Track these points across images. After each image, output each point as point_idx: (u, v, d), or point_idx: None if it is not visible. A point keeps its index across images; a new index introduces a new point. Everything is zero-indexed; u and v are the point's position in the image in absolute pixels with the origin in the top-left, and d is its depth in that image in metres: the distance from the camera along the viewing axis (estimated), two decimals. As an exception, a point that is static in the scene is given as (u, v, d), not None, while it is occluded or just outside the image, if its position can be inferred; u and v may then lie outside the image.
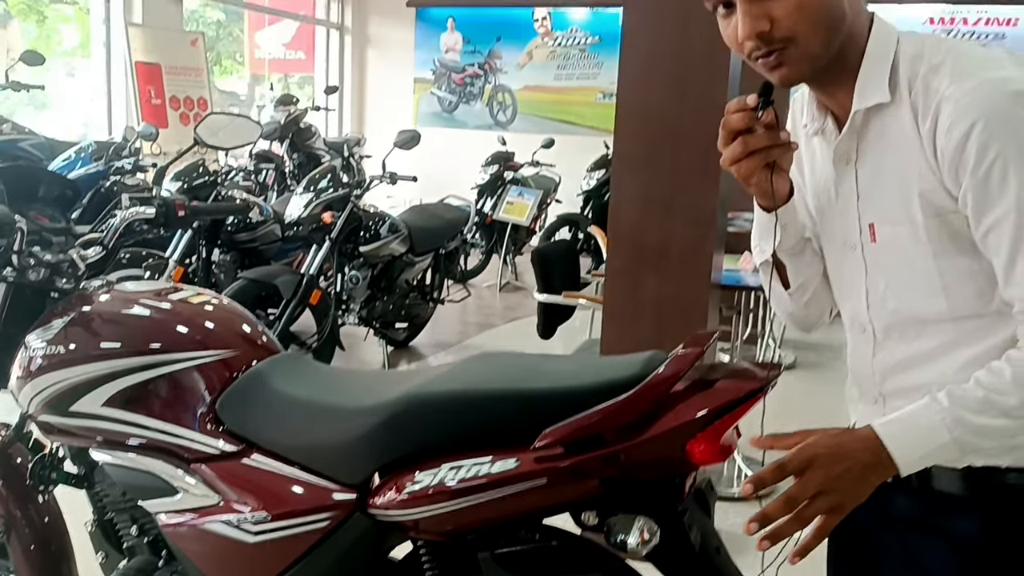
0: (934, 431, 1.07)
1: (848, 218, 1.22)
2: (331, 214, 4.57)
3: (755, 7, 1.08)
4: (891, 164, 1.15)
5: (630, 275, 3.02)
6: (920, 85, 1.09)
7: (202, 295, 1.94)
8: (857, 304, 1.25)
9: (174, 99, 7.22)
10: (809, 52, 1.10)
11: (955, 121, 1.04)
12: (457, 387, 1.55)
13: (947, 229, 1.12)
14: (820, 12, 1.08)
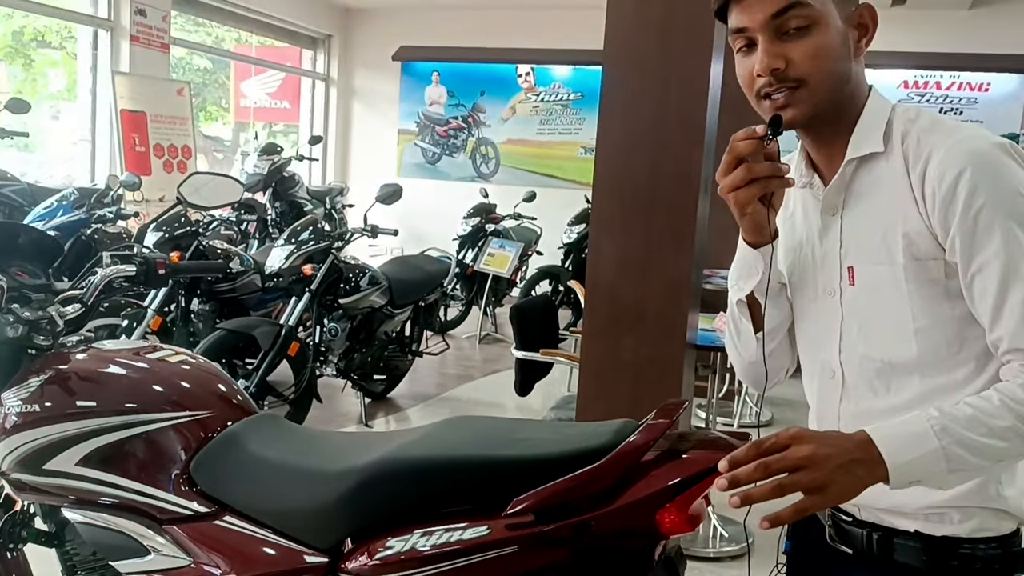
0: (924, 437, 1.08)
1: (829, 265, 1.28)
2: (312, 266, 4.59)
3: (776, 46, 1.18)
4: (878, 209, 1.22)
5: (607, 336, 3.05)
6: (912, 138, 1.19)
7: (179, 354, 1.95)
8: (830, 349, 1.29)
9: (158, 147, 7.26)
10: (815, 96, 1.19)
11: (947, 167, 1.13)
12: (429, 453, 1.57)
13: (925, 275, 1.18)
14: (831, 62, 1.19)
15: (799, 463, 1.04)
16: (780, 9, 1.16)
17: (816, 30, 1.17)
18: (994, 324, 1.13)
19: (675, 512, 1.46)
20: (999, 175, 1.12)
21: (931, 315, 1.19)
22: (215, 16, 9.01)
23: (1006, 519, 1.22)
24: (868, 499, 1.25)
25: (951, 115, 8.40)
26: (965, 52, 8.20)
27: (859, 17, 1.22)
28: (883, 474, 1.07)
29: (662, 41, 2.88)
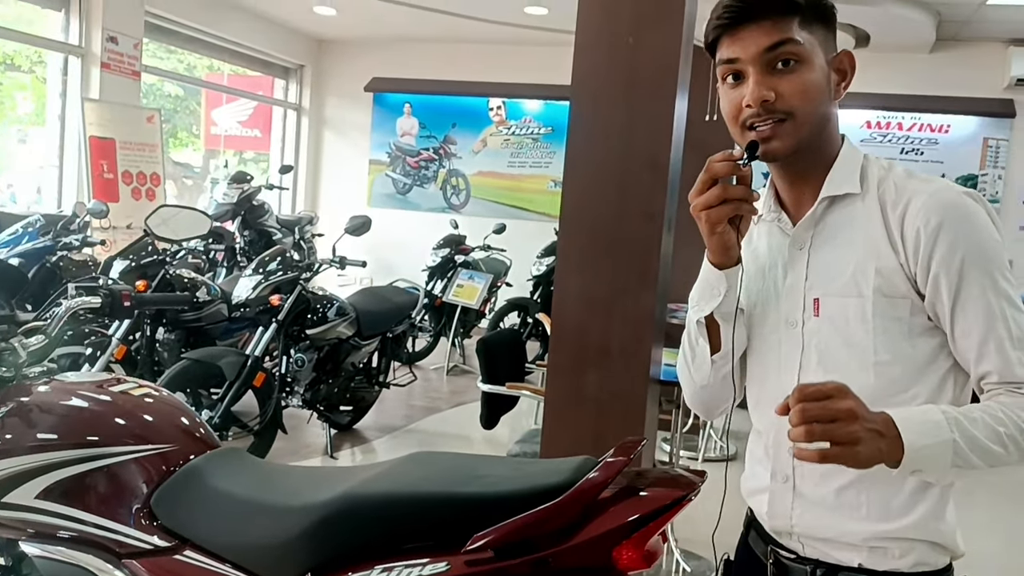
0: (940, 427, 1.13)
1: (794, 297, 1.33)
2: (279, 296, 4.59)
3: (766, 79, 1.24)
4: (850, 245, 1.28)
5: (571, 371, 3.08)
6: (890, 184, 1.28)
7: (143, 387, 1.95)
8: (789, 378, 1.32)
9: (127, 174, 7.22)
10: (800, 131, 1.26)
11: (929, 213, 1.22)
12: (390, 489, 1.59)
13: (892, 311, 1.25)
14: (816, 100, 1.26)
15: (837, 414, 1.06)
16: (773, 44, 1.23)
17: (804, 67, 1.25)
18: (980, 360, 1.22)
19: (632, 549, 1.49)
20: (976, 222, 1.23)
21: (892, 351, 1.25)
22: (188, 45, 9.02)
23: (942, 553, 1.28)
24: (811, 529, 1.29)
25: (912, 155, 8.61)
26: (926, 94, 8.42)
27: (839, 62, 1.30)
28: (898, 455, 1.10)
29: (628, 81, 2.94)
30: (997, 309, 1.21)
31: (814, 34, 1.26)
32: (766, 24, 1.23)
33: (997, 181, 8.45)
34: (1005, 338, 1.20)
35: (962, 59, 8.33)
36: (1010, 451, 1.16)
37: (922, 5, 7.30)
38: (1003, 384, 1.21)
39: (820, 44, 1.27)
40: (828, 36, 1.29)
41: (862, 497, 1.27)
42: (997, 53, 8.22)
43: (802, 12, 1.24)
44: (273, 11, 9.29)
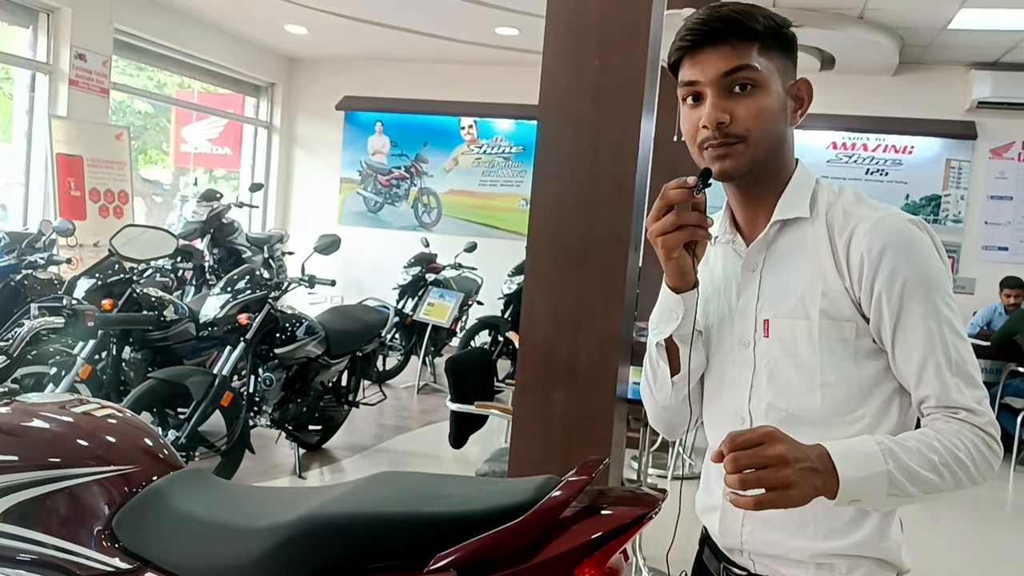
0: (874, 458, 1.15)
1: (746, 318, 1.36)
2: (247, 315, 4.57)
3: (723, 102, 1.28)
4: (799, 268, 1.31)
5: (539, 389, 3.09)
6: (838, 210, 1.31)
7: (105, 408, 1.94)
8: (740, 397, 1.36)
9: (94, 191, 7.16)
10: (753, 153, 1.29)
11: (873, 239, 1.25)
12: (353, 509, 1.59)
13: (837, 333, 1.28)
14: (771, 124, 1.30)
15: (768, 461, 1.07)
16: (731, 68, 1.27)
17: (760, 92, 1.28)
18: (919, 384, 1.25)
19: (593, 567, 1.50)
20: (918, 249, 1.26)
21: (838, 372, 1.28)
22: (158, 62, 8.98)
23: (888, 569, 1.31)
24: (761, 547, 1.32)
25: (877, 176, 8.76)
26: (890, 116, 8.58)
27: (797, 89, 1.34)
28: (834, 488, 1.12)
29: (594, 104, 2.98)
30: (937, 334, 1.23)
31: (772, 61, 1.30)
32: (725, 49, 1.27)
33: (960, 201, 8.61)
34: (943, 363, 1.23)
35: (925, 82, 8.51)
36: (945, 479, 1.18)
37: (885, 29, 7.46)
38: (940, 408, 1.23)
39: (778, 71, 1.31)
40: (787, 63, 1.33)
41: (809, 516, 1.28)
42: (959, 76, 8.40)
43: (761, 39, 1.29)
44: (244, 29, 9.28)
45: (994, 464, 1.22)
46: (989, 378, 7.15)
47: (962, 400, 1.22)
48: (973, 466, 1.20)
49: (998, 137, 8.49)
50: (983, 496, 6.15)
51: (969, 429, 1.21)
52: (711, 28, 1.28)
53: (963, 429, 1.21)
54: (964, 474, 1.19)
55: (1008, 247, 8.52)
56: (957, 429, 1.21)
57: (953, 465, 1.18)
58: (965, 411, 1.22)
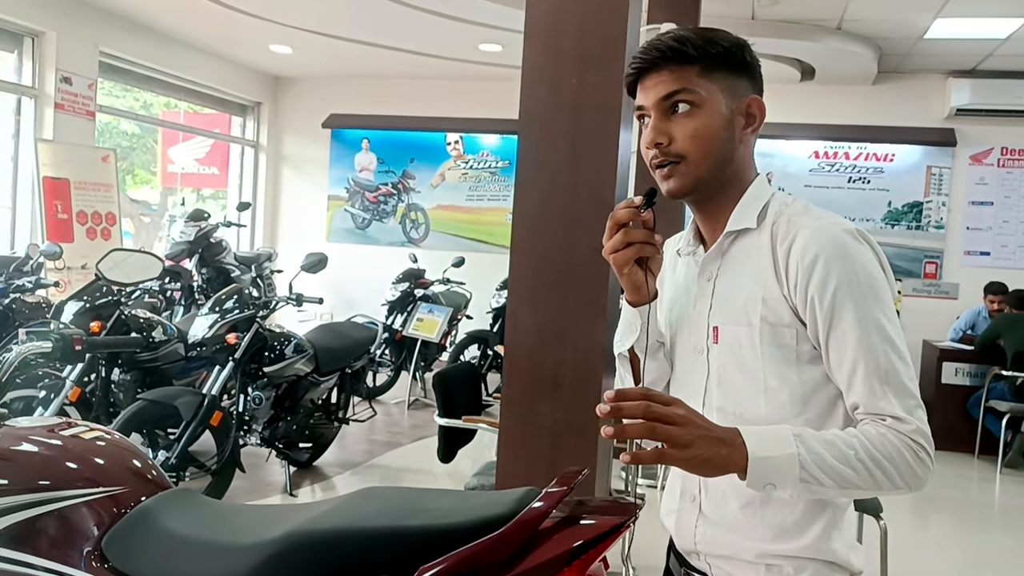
0: (784, 441, 1.19)
1: (700, 325, 1.42)
2: (236, 335, 4.59)
3: (662, 124, 1.35)
4: (744, 276, 1.36)
5: (525, 403, 3.13)
6: (784, 220, 1.35)
7: (94, 430, 1.97)
8: (696, 402, 1.40)
9: (81, 214, 7.18)
10: (695, 171, 1.35)
11: (808, 247, 1.28)
12: (338, 524, 1.62)
13: (778, 339, 1.32)
14: (709, 143, 1.34)
15: (675, 419, 1.12)
16: (669, 93, 1.34)
17: (699, 113, 1.33)
18: (850, 391, 1.28)
19: (574, 575, 1.54)
20: (853, 258, 1.28)
21: (780, 377, 1.33)
22: (143, 84, 9.02)
23: (836, 571, 1.34)
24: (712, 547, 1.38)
25: (859, 184, 8.84)
26: (870, 125, 8.68)
27: (747, 107, 1.38)
28: (743, 463, 1.16)
29: (573, 120, 3.03)
30: (866, 342, 1.26)
31: (716, 81, 1.34)
32: (665, 74, 1.34)
33: (941, 208, 8.70)
34: (872, 371, 1.25)
35: (904, 90, 8.61)
36: (860, 475, 1.20)
37: (863, 39, 7.56)
38: (868, 415, 1.26)
39: (724, 90, 1.35)
40: (737, 82, 1.37)
41: (758, 518, 1.34)
42: (937, 84, 8.51)
43: (701, 62, 1.33)
44: (229, 50, 9.33)
45: (920, 473, 1.23)
46: (974, 382, 7.23)
47: (889, 408, 1.24)
48: (895, 469, 1.21)
49: (977, 143, 8.60)
50: (970, 499, 6.21)
51: (895, 435, 1.23)
52: (651, 56, 1.35)
53: (888, 434, 1.23)
54: (883, 476, 1.21)
55: (990, 252, 8.61)
56: (883, 432, 1.23)
57: (870, 463, 1.21)
58: (892, 418, 1.24)
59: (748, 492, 1.29)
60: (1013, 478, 6.58)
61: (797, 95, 8.57)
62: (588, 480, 3.06)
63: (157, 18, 8.11)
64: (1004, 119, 8.38)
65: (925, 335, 8.09)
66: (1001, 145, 8.58)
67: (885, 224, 8.80)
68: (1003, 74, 8.18)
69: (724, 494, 1.37)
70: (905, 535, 4.81)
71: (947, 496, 6.03)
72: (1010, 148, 8.57)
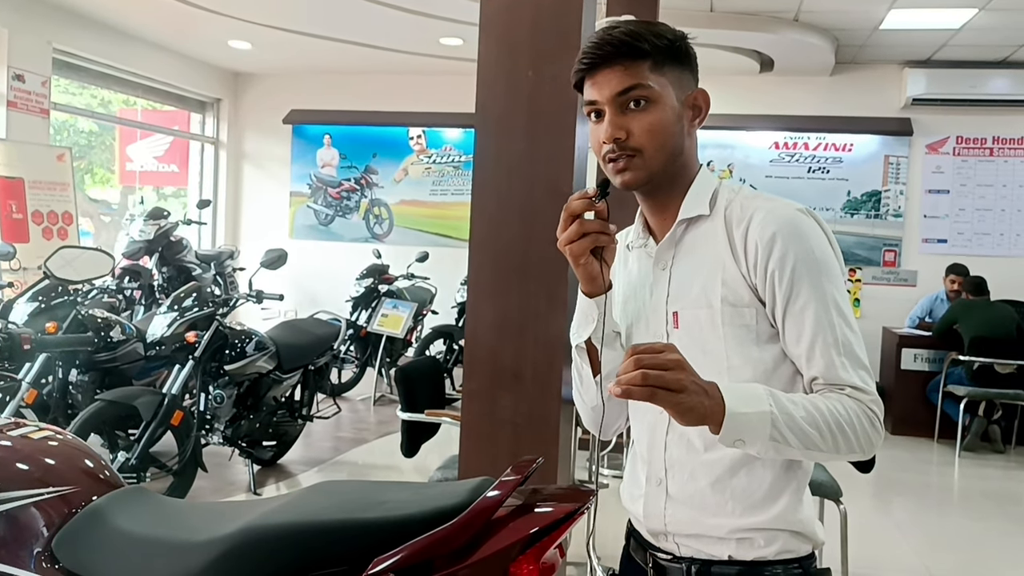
0: (759, 399, 1.24)
1: (658, 313, 1.44)
2: (195, 333, 4.54)
3: (619, 119, 1.36)
4: (701, 261, 1.39)
5: (486, 396, 3.13)
6: (736, 205, 1.39)
7: (44, 430, 1.94)
8: None
9: (37, 213, 7.06)
10: (650, 164, 1.37)
11: (764, 227, 1.33)
12: (292, 519, 1.61)
13: (739, 319, 1.36)
14: (665, 136, 1.37)
15: (668, 364, 1.16)
16: (625, 88, 1.35)
17: (654, 108, 1.36)
18: (809, 364, 1.33)
19: (529, 562, 1.54)
20: (808, 235, 1.34)
21: (742, 355, 1.36)
22: (99, 81, 8.87)
23: (804, 541, 1.38)
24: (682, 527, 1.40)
25: (819, 174, 8.94)
26: (829, 115, 8.77)
27: (694, 100, 1.41)
28: (719, 417, 1.20)
29: (529, 113, 3.03)
30: (825, 316, 1.31)
31: (666, 75, 1.37)
32: (619, 69, 1.35)
33: (899, 196, 8.83)
34: (831, 343, 1.31)
35: (861, 81, 8.72)
36: (825, 437, 1.26)
37: (820, 31, 7.64)
38: (828, 385, 1.32)
39: (673, 84, 1.38)
40: (683, 74, 1.40)
41: (727, 494, 1.37)
42: (893, 74, 8.62)
43: (652, 57, 1.35)
44: (186, 46, 9.22)
45: (874, 440, 1.29)
46: (932, 367, 7.36)
47: (848, 378, 1.30)
48: (854, 435, 1.28)
49: (933, 132, 8.74)
50: (930, 482, 6.32)
51: (855, 404, 1.29)
52: (604, 51, 1.35)
53: (849, 402, 1.29)
54: (843, 440, 1.27)
55: (947, 239, 8.76)
56: (842, 399, 1.29)
57: (834, 426, 1.26)
58: (851, 388, 1.30)
59: (716, 469, 1.35)
60: (971, 462, 6.70)
61: (757, 87, 8.64)
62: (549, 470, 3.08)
63: (112, 14, 7.98)
64: (959, 108, 8.52)
65: (885, 322, 8.22)
66: (956, 134, 8.72)
67: (845, 213, 8.91)
68: (957, 64, 8.31)
69: (692, 473, 1.39)
70: (865, 519, 4.89)
71: (907, 480, 6.13)
72: (965, 137, 8.71)
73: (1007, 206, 8.69)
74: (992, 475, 6.44)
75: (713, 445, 1.35)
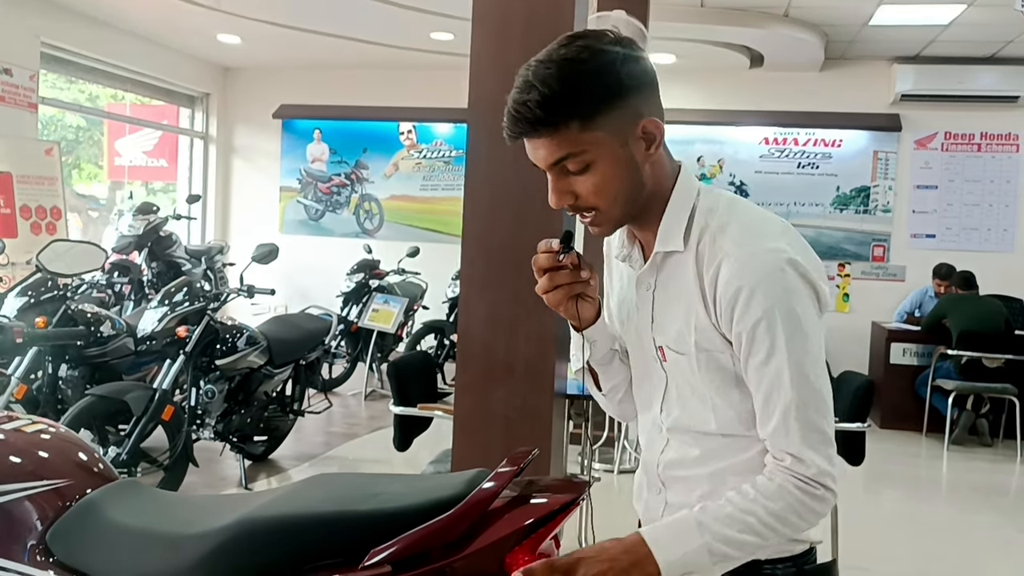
0: (688, 534, 1.22)
1: (646, 339, 1.42)
2: (186, 328, 4.53)
3: (562, 183, 1.28)
4: (677, 301, 1.35)
5: (479, 389, 3.14)
6: (708, 239, 1.29)
7: (37, 423, 1.93)
8: (656, 407, 1.43)
9: (25, 208, 7.01)
10: (611, 217, 1.32)
11: (731, 278, 1.24)
12: (287, 511, 1.61)
13: (715, 363, 1.32)
14: (616, 188, 1.28)
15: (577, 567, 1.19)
16: (556, 159, 1.25)
17: (595, 168, 1.25)
18: (761, 423, 1.28)
19: (525, 553, 1.55)
20: (774, 290, 1.23)
21: (722, 397, 1.33)
22: (87, 75, 8.82)
23: (798, 543, 1.36)
24: None
25: (808, 169, 8.96)
26: (818, 111, 8.80)
27: (642, 131, 1.27)
28: (655, 570, 1.21)
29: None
30: (779, 377, 1.24)
31: (601, 127, 1.23)
32: (544, 139, 1.24)
33: (888, 192, 8.86)
34: (783, 405, 1.24)
35: (850, 77, 8.74)
36: (766, 537, 1.23)
37: (810, 26, 7.65)
38: (772, 452, 1.27)
39: (612, 131, 1.24)
40: (622, 115, 1.25)
41: None
42: (882, 70, 8.65)
43: (578, 117, 1.22)
44: (175, 40, 9.17)
45: (820, 510, 1.25)
46: (921, 361, 7.40)
47: (788, 446, 1.24)
48: (797, 518, 1.24)
49: (922, 128, 8.77)
50: (919, 476, 6.36)
51: (793, 482, 1.23)
52: (520, 128, 1.25)
53: (786, 483, 1.24)
54: (788, 528, 1.24)
55: (935, 234, 8.80)
56: (781, 484, 1.24)
57: (773, 523, 1.23)
58: (792, 458, 1.24)
59: (703, 486, 1.34)
60: (959, 455, 6.75)
61: (746, 82, 8.66)
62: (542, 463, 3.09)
63: (101, 8, 7.93)
64: (947, 104, 8.55)
65: (873, 317, 8.25)
66: (944, 130, 8.75)
67: (834, 209, 8.94)
68: (946, 60, 8.34)
69: (686, 484, 1.38)
70: (855, 512, 4.91)
71: (896, 473, 6.17)
72: (953, 132, 8.75)
73: (995, 201, 8.74)
74: (980, 468, 6.49)
75: (710, 458, 1.35)
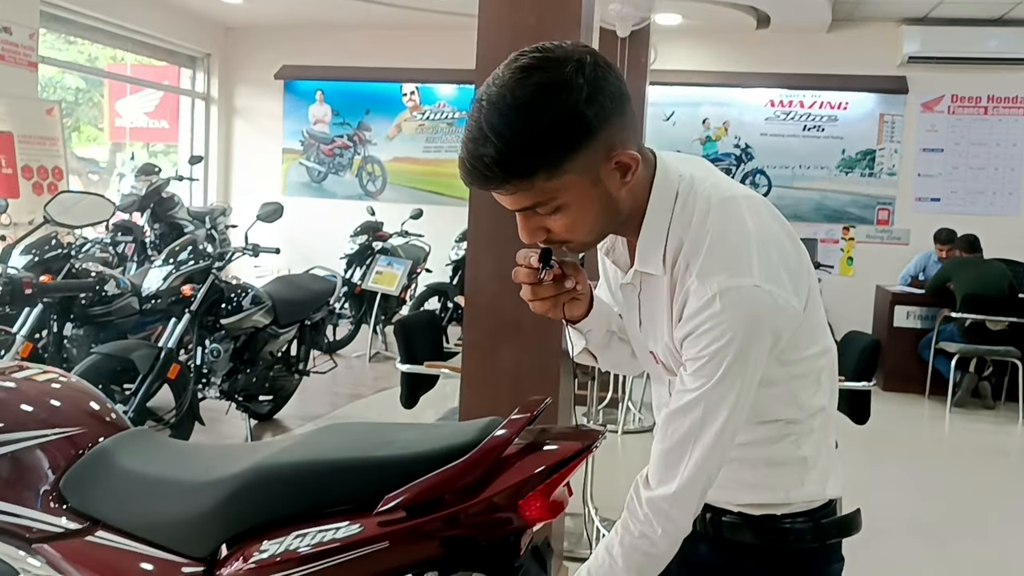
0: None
1: (639, 337, 1.41)
2: (191, 286, 4.52)
3: (532, 221, 1.21)
4: (658, 310, 1.31)
5: (487, 346, 3.14)
6: (681, 264, 1.23)
7: (48, 373, 1.94)
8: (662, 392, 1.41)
9: (27, 168, 6.97)
10: (588, 244, 1.27)
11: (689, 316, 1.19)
12: (302, 457, 1.62)
13: None
14: (590, 223, 1.21)
15: None
16: (523, 208, 1.19)
17: (566, 209, 1.18)
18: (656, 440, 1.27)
19: (539, 499, 1.55)
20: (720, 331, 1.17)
21: None
22: (87, 34, 8.74)
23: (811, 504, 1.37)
24: None
25: (814, 132, 8.90)
26: (824, 73, 8.71)
27: (615, 164, 1.18)
28: None
29: (531, 61, 3.00)
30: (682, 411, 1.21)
31: (569, 171, 1.14)
32: (507, 192, 1.16)
33: (894, 155, 8.81)
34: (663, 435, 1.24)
35: (857, 38, 8.65)
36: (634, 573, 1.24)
37: (818, -15, 7.56)
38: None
39: (582, 172, 1.15)
40: (591, 151, 1.15)
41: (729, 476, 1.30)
42: (890, 32, 8.55)
43: (543, 167, 1.13)
44: (176, -1, 9.07)
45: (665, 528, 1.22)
46: (924, 324, 7.40)
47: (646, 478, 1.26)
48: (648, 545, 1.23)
49: (928, 91, 8.69)
50: (922, 437, 6.39)
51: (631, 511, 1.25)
52: (479, 184, 1.17)
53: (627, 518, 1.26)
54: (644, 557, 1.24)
55: (940, 198, 8.76)
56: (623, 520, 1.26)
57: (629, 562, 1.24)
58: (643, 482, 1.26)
59: None
60: (962, 417, 6.78)
61: (753, 43, 8.56)
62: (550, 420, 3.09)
63: (99, -35, 7.84)
64: (954, 66, 8.47)
65: (878, 280, 8.24)
66: (951, 92, 8.68)
67: (839, 172, 8.89)
68: (953, 21, 8.25)
69: None
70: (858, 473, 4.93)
71: (899, 435, 6.20)
72: (960, 95, 8.68)
73: (1000, 165, 8.68)
74: (982, 429, 6.52)
75: None
